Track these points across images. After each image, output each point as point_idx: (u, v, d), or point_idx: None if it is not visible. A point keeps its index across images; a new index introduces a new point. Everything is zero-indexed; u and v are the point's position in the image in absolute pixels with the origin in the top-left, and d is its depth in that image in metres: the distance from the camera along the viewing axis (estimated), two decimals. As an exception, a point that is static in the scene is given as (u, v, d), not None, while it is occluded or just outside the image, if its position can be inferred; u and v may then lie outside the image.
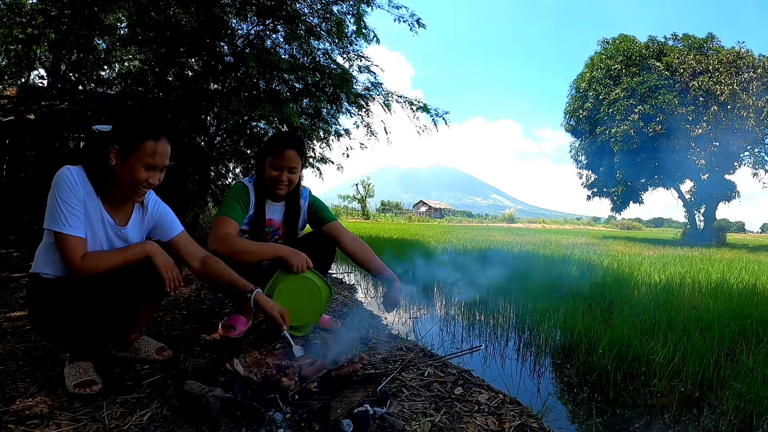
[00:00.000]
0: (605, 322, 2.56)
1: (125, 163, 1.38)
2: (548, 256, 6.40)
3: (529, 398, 1.74)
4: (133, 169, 1.38)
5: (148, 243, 1.51)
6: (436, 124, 6.02)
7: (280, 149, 1.93)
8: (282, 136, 2.00)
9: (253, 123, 5.93)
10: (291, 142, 1.95)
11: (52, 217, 1.34)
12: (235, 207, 1.93)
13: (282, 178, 1.94)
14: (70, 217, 1.35)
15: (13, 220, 5.31)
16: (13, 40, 5.71)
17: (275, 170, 1.94)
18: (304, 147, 2.02)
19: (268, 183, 1.97)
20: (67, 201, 1.35)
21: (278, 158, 1.92)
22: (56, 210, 1.34)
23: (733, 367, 1.91)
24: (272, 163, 1.94)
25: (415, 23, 5.54)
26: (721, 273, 5.02)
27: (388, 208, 59.32)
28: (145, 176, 1.40)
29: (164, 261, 1.49)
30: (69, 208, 1.35)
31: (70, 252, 1.34)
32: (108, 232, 1.49)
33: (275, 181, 1.94)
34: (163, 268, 1.47)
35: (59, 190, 1.35)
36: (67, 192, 1.35)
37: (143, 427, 1.23)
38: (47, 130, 5.12)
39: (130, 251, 1.45)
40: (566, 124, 20.04)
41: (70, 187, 1.36)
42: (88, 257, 1.37)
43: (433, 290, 3.91)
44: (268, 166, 1.94)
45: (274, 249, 1.88)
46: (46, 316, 1.42)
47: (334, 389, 1.40)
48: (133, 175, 1.39)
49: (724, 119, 14.81)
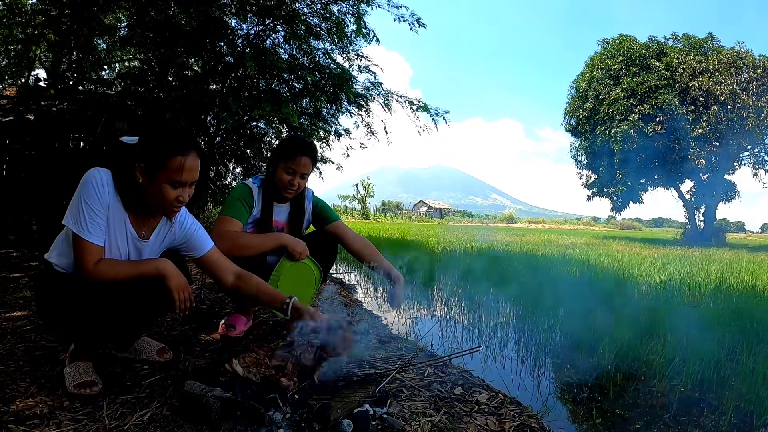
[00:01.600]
0: (605, 321, 2.56)
1: (153, 182, 1.31)
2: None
3: (529, 398, 1.74)
4: (161, 187, 1.32)
5: (162, 261, 1.43)
6: (436, 123, 6.02)
7: (294, 155, 1.93)
8: (298, 142, 2.00)
9: (252, 123, 5.93)
10: (306, 149, 1.96)
11: (74, 217, 1.30)
12: (237, 207, 1.93)
13: (294, 182, 1.96)
14: (90, 222, 1.30)
15: (13, 220, 5.30)
16: (12, 40, 5.71)
17: (288, 174, 1.95)
18: (317, 155, 2.06)
19: (278, 186, 1.98)
20: (91, 205, 1.30)
21: (292, 163, 1.93)
22: (79, 212, 1.30)
23: (733, 367, 1.91)
24: (285, 167, 1.95)
25: (415, 23, 5.54)
26: (721, 273, 5.01)
27: (388, 208, 59.34)
28: (175, 194, 1.34)
29: (176, 283, 1.41)
30: (91, 213, 1.30)
31: (85, 257, 1.31)
32: (128, 243, 1.44)
33: (286, 185, 1.96)
34: (174, 291, 1.40)
35: (85, 192, 1.30)
36: (93, 196, 1.31)
37: (143, 427, 1.22)
38: (47, 130, 5.12)
39: (143, 266, 1.39)
40: (566, 124, 20.03)
41: (96, 191, 1.31)
42: (101, 264, 1.33)
43: (433, 291, 3.91)
44: (281, 169, 1.95)
45: (276, 238, 1.93)
46: (53, 307, 1.41)
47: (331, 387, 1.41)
48: (162, 194, 1.33)
49: (724, 119, 14.81)
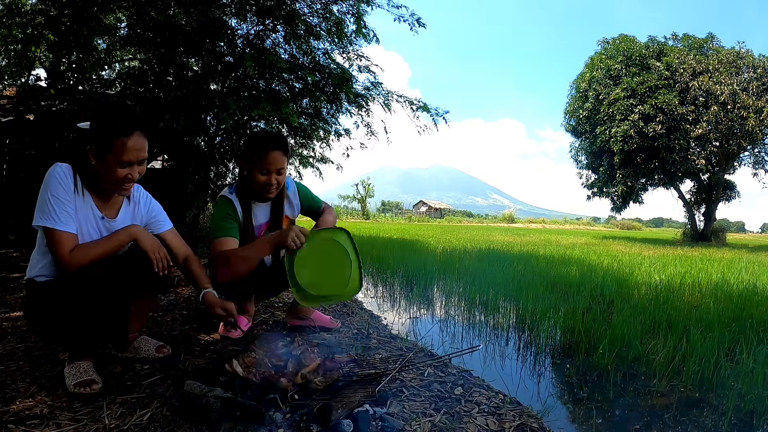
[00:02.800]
0: (605, 321, 2.56)
1: (103, 163, 1.39)
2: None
3: (529, 398, 1.74)
4: (110, 168, 1.39)
5: (132, 226, 1.51)
6: (436, 123, 6.01)
7: (263, 152, 1.79)
8: (263, 137, 1.85)
9: (252, 123, 5.93)
10: (274, 142, 1.81)
11: (43, 213, 1.34)
12: (224, 226, 1.84)
13: (271, 181, 1.83)
14: (60, 212, 1.35)
15: (13, 220, 5.30)
16: (12, 40, 5.71)
17: (263, 175, 1.81)
18: (287, 144, 1.88)
19: (257, 189, 1.86)
20: (57, 196, 1.35)
21: (264, 162, 1.79)
22: (47, 205, 1.34)
23: (733, 367, 1.91)
24: (258, 168, 1.80)
25: (415, 23, 5.53)
26: (721, 273, 5.01)
27: (388, 208, 59.32)
28: (123, 173, 1.41)
29: (150, 243, 1.50)
30: (59, 204, 1.35)
31: (61, 247, 1.34)
32: (99, 226, 1.49)
33: (265, 185, 1.83)
34: (150, 250, 1.48)
35: (50, 187, 1.36)
36: (58, 188, 1.36)
37: (143, 427, 1.22)
38: (47, 130, 5.12)
39: (115, 237, 1.45)
40: (566, 124, 20.04)
41: (60, 183, 1.37)
42: (76, 250, 1.37)
43: (433, 291, 3.91)
44: (255, 171, 1.81)
45: (267, 244, 1.77)
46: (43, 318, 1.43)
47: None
48: (112, 174, 1.40)
49: (724, 119, 14.80)
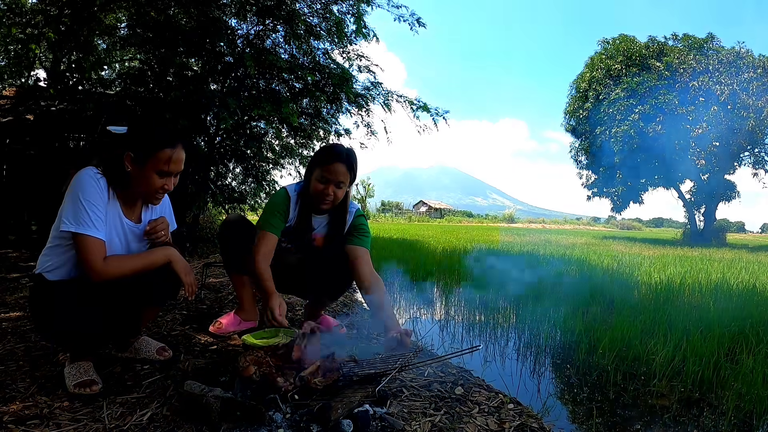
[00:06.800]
0: (605, 321, 2.56)
1: (141, 171, 1.37)
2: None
3: (529, 398, 1.74)
4: (149, 176, 1.38)
5: (168, 248, 1.51)
6: (436, 123, 6.01)
7: (328, 161, 1.80)
8: (333, 148, 1.86)
9: (252, 123, 5.93)
10: (341, 155, 1.81)
11: (76, 218, 1.29)
12: (272, 220, 1.86)
13: (327, 191, 1.81)
14: (95, 219, 1.32)
15: (13, 220, 5.30)
16: (12, 40, 5.71)
17: (321, 183, 1.81)
18: (355, 162, 1.87)
19: (312, 196, 1.85)
20: (92, 202, 1.32)
21: (326, 171, 1.79)
22: (81, 211, 1.30)
23: (733, 367, 1.91)
24: (319, 175, 1.81)
25: (415, 22, 5.53)
26: (721, 273, 5.01)
27: (388, 208, 59.24)
28: (161, 183, 1.41)
29: (183, 267, 1.51)
30: (94, 209, 1.32)
31: (93, 255, 1.31)
32: (125, 231, 1.47)
33: (320, 194, 1.82)
34: (183, 274, 1.49)
35: (83, 191, 1.31)
36: (93, 193, 1.33)
37: (143, 427, 1.22)
38: (47, 130, 5.12)
39: (151, 256, 1.46)
40: (566, 124, 20.05)
41: (96, 188, 1.34)
42: (111, 260, 1.35)
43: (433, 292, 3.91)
44: (315, 178, 1.82)
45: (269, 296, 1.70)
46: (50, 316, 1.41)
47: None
48: (149, 183, 1.39)
49: (724, 119, 14.80)
